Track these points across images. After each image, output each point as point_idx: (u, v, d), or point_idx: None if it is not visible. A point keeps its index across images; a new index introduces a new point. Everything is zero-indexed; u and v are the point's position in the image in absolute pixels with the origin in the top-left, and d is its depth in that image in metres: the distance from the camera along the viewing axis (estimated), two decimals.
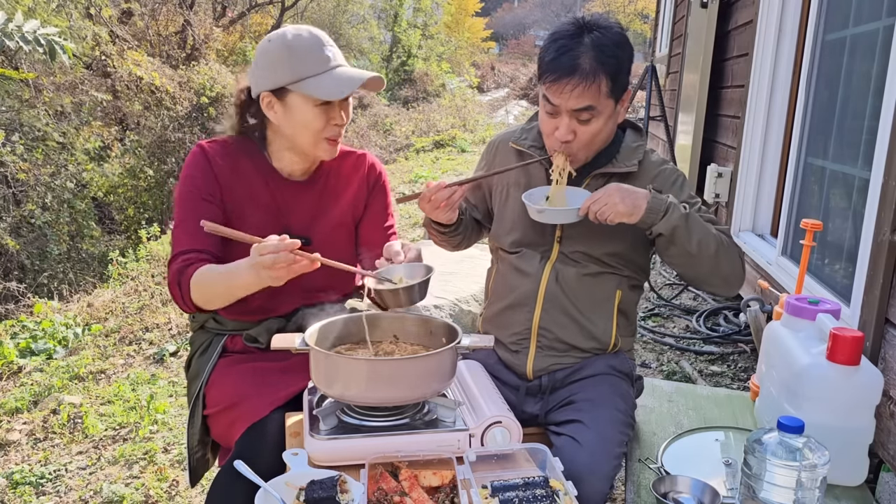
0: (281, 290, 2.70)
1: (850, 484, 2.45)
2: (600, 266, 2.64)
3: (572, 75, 2.37)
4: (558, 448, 2.39)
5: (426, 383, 2.21)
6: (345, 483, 1.99)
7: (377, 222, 2.89)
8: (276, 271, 2.21)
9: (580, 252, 2.63)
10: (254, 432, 2.45)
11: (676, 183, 2.64)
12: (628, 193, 2.38)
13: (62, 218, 10.84)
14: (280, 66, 2.54)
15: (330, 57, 2.57)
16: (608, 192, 2.39)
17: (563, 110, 2.44)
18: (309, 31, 2.59)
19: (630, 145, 2.68)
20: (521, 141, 2.76)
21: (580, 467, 2.25)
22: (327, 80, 2.53)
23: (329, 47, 2.59)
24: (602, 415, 2.49)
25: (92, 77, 13.19)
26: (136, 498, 4.01)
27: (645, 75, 7.76)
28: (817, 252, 4.23)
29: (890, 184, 3.03)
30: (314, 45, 2.55)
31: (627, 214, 2.37)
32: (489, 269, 2.92)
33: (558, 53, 2.40)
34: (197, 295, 2.50)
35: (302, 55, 2.54)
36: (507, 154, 2.81)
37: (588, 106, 2.41)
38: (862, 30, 4.08)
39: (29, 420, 5.06)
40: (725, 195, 6.11)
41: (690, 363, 5.40)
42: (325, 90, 2.52)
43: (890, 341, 2.98)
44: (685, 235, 2.40)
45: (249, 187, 2.71)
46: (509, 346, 2.74)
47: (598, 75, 2.37)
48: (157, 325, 7.10)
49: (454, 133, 19.71)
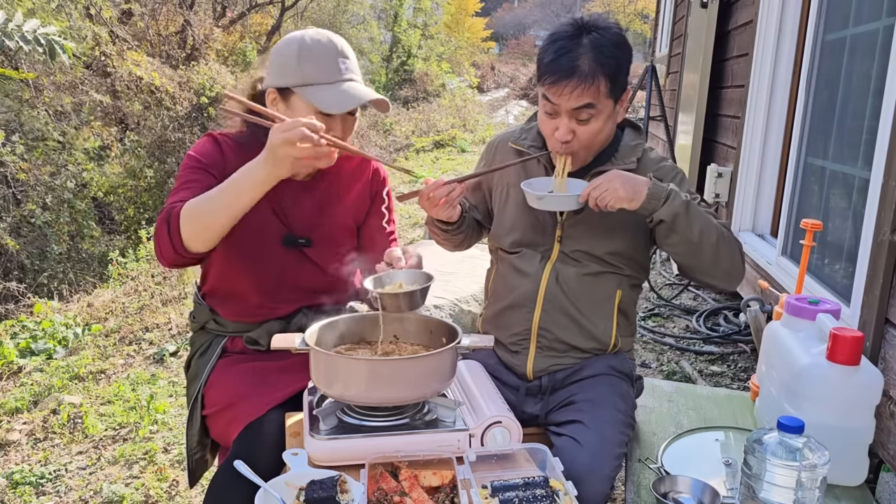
0: (280, 290, 2.71)
1: (850, 484, 2.45)
2: (601, 265, 2.63)
3: (571, 76, 2.36)
4: (559, 448, 2.39)
5: (426, 383, 2.21)
6: (345, 483, 1.99)
7: (379, 228, 2.88)
8: (296, 150, 2.17)
9: (581, 251, 2.63)
10: (252, 432, 2.45)
11: (675, 178, 2.62)
12: (629, 179, 2.37)
13: (62, 218, 10.84)
14: (290, 66, 2.53)
15: (342, 69, 2.55)
16: (608, 178, 2.38)
17: (562, 111, 2.44)
18: (329, 38, 2.57)
19: (629, 144, 2.67)
20: (520, 141, 2.76)
21: (581, 468, 2.25)
22: (332, 92, 2.51)
23: (345, 59, 2.57)
24: (602, 415, 2.49)
25: (92, 77, 13.18)
26: (136, 498, 4.01)
27: (645, 75, 7.76)
28: (817, 252, 4.23)
29: (890, 184, 3.03)
30: (329, 53, 2.54)
31: (628, 200, 2.35)
32: (489, 270, 2.92)
33: (557, 55, 2.40)
34: (188, 225, 2.34)
35: (314, 61, 2.52)
36: (506, 154, 2.81)
37: (587, 105, 2.41)
38: (862, 30, 4.08)
39: (29, 420, 5.06)
40: (725, 195, 6.11)
41: (690, 363, 5.40)
42: (327, 102, 2.50)
43: (890, 341, 2.98)
44: (686, 223, 2.39)
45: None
46: (509, 346, 2.74)
47: (596, 76, 2.37)
48: (157, 325, 7.11)
49: (454, 133, 19.70)
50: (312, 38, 2.55)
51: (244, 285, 2.72)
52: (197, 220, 2.35)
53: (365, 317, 2.59)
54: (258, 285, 2.72)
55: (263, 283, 2.71)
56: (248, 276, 2.70)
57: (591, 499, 2.25)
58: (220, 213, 2.34)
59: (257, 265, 2.68)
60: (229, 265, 2.70)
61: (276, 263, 2.69)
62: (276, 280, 2.71)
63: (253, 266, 2.68)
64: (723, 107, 6.76)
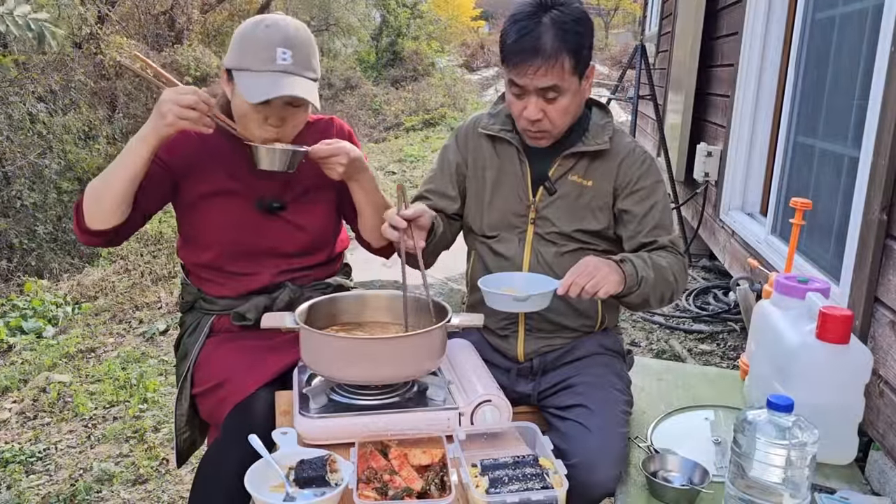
0: (260, 255, 2.70)
1: (839, 462, 2.46)
2: (575, 243, 2.64)
3: (535, 56, 2.34)
4: (566, 435, 2.42)
5: (416, 362, 2.22)
6: (334, 462, 1.99)
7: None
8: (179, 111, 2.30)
9: (555, 232, 2.63)
10: (241, 410, 2.45)
11: (644, 165, 2.62)
12: (609, 263, 2.36)
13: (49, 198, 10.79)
14: (235, 48, 2.52)
15: (277, 58, 2.47)
16: (592, 265, 2.34)
17: (529, 90, 2.42)
18: (278, 24, 2.51)
19: (598, 123, 2.65)
20: (490, 126, 2.71)
21: (592, 453, 2.29)
22: (257, 81, 2.46)
23: (285, 50, 2.48)
24: (605, 397, 2.52)
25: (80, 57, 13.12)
26: (126, 476, 4.01)
27: (634, 54, 7.74)
28: (807, 231, 4.23)
29: (879, 162, 3.03)
30: (270, 40, 2.47)
31: (619, 283, 2.35)
32: (467, 258, 2.89)
33: (519, 35, 2.37)
34: (88, 202, 2.46)
35: (251, 46, 2.48)
36: (477, 141, 2.77)
37: (553, 85, 2.39)
38: (851, 8, 4.07)
39: (19, 398, 5.06)
40: (715, 174, 6.12)
41: (680, 342, 5.41)
42: (247, 88, 2.46)
43: (879, 320, 2.99)
44: (651, 297, 2.47)
45: (214, 153, 2.67)
46: (497, 331, 2.75)
47: (560, 54, 2.35)
48: (147, 304, 7.10)
49: (444, 112, 19.66)
50: (264, 24, 2.50)
51: (221, 252, 2.71)
52: (94, 196, 2.45)
53: (356, 296, 2.59)
54: (236, 252, 2.70)
55: (242, 249, 2.70)
56: (225, 245, 2.70)
57: (607, 482, 2.29)
58: (112, 179, 2.43)
59: (233, 233, 2.67)
60: (205, 237, 2.69)
61: (252, 228, 2.68)
62: (255, 245, 2.70)
63: (229, 234, 2.67)
64: (712, 86, 6.76)
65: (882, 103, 3.11)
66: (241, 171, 2.69)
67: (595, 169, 2.61)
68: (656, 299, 2.47)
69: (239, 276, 2.74)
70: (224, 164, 2.66)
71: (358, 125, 18.30)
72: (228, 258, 2.72)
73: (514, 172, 2.67)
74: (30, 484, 4.03)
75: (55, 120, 11.58)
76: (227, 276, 2.74)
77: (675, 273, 2.50)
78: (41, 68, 11.81)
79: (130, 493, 3.88)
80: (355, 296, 2.59)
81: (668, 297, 2.52)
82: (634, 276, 2.37)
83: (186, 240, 2.78)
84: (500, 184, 2.69)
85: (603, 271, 2.31)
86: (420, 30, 26.92)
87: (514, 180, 2.67)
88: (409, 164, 13.79)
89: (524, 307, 2.37)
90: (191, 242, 2.77)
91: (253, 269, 2.74)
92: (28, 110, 10.94)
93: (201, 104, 2.32)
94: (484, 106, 20.80)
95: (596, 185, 2.61)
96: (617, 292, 2.34)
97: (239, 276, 2.74)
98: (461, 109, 20.49)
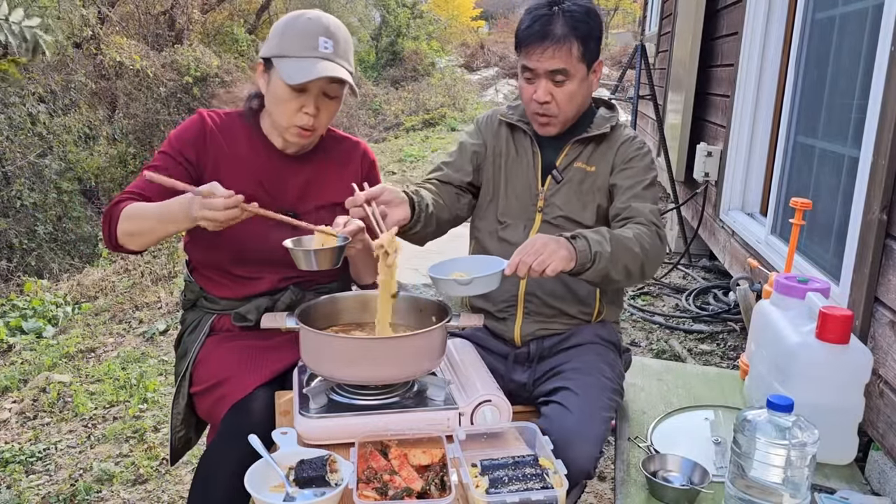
0: (265, 260, 2.71)
1: (839, 462, 2.46)
2: (580, 227, 2.64)
3: (545, 39, 2.55)
4: (546, 416, 2.45)
5: (416, 362, 2.21)
6: (334, 462, 1.99)
7: None
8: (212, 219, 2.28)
9: (562, 217, 2.72)
10: (240, 410, 2.45)
11: (640, 151, 2.74)
12: (558, 240, 2.33)
13: (49, 198, 10.80)
14: (275, 37, 2.58)
15: (318, 46, 2.54)
16: (539, 242, 2.31)
17: (539, 73, 2.60)
18: (322, 18, 2.60)
19: (603, 116, 2.80)
20: (509, 115, 2.86)
21: (568, 432, 2.31)
22: (299, 65, 2.51)
23: (327, 39, 2.56)
24: (588, 381, 2.55)
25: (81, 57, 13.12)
26: (126, 476, 4.01)
27: (634, 54, 7.74)
28: (807, 231, 4.23)
29: (879, 162, 3.03)
30: (311, 29, 2.55)
31: (570, 259, 2.31)
32: (470, 249, 2.96)
33: (532, 22, 2.59)
34: (124, 228, 2.50)
35: (293, 34, 2.54)
36: (496, 129, 2.89)
37: (562, 69, 2.57)
38: (851, 8, 4.07)
39: (19, 398, 5.06)
40: (715, 174, 6.12)
41: (680, 342, 5.41)
42: (288, 72, 2.50)
43: (879, 320, 2.99)
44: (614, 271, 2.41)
45: (240, 158, 2.71)
46: (496, 314, 2.81)
47: (568, 38, 2.55)
48: (147, 304, 7.10)
49: (444, 112, 19.69)
50: (305, 16, 2.59)
51: (228, 255, 2.72)
52: (131, 229, 2.51)
53: (356, 297, 2.59)
54: (243, 257, 2.71)
55: (249, 255, 2.71)
56: (234, 249, 2.70)
57: (581, 462, 2.29)
58: (149, 232, 2.52)
59: (244, 238, 2.68)
60: (215, 237, 2.69)
61: (262, 235, 2.68)
62: (262, 252, 2.71)
63: (239, 239, 2.68)
64: (712, 86, 6.76)
65: (882, 103, 3.11)
66: (270, 180, 2.74)
67: (598, 154, 2.74)
68: (620, 273, 2.41)
69: (243, 279, 2.75)
70: (253, 172, 2.71)
71: (358, 125, 18.29)
72: (235, 262, 2.73)
73: (527, 161, 2.80)
74: (30, 484, 4.03)
75: (55, 120, 11.59)
76: (231, 279, 2.75)
77: (643, 244, 2.45)
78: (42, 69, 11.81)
79: (130, 493, 3.88)
80: (355, 296, 2.59)
81: (636, 270, 2.45)
82: (588, 251, 2.33)
83: (194, 236, 2.79)
84: (513, 172, 2.81)
85: (550, 248, 2.28)
86: (420, 30, 26.95)
87: (525, 169, 2.79)
88: (408, 164, 13.79)
89: (470, 290, 2.32)
90: (199, 239, 2.77)
91: (258, 274, 2.75)
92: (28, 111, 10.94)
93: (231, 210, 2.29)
94: (484, 106, 20.83)
95: (598, 170, 2.73)
96: (568, 269, 2.31)
97: (243, 279, 2.75)
98: (461, 109, 20.50)
